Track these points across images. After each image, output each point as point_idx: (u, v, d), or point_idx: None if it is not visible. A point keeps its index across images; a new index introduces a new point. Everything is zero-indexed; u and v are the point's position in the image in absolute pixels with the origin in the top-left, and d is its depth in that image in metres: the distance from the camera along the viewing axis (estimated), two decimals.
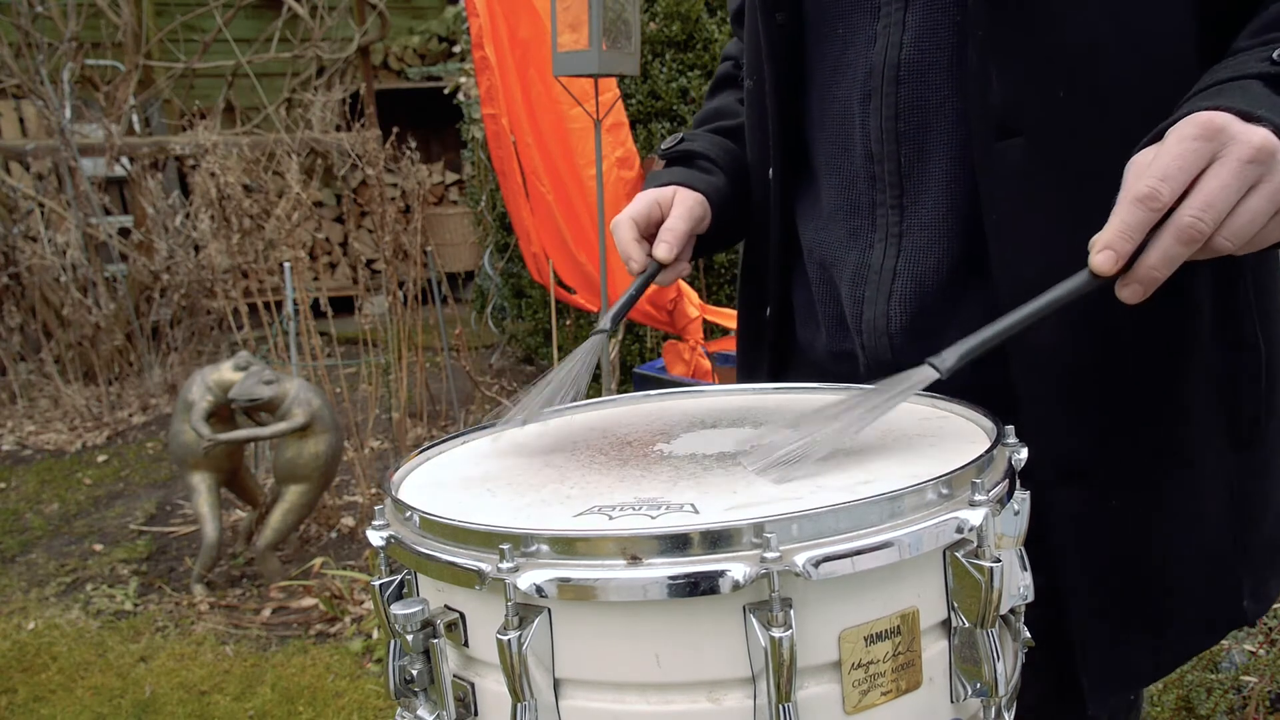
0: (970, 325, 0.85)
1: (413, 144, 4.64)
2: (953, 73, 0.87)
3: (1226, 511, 0.92)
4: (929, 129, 0.89)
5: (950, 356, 0.72)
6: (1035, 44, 0.81)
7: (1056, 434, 0.85)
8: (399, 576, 0.67)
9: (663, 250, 0.96)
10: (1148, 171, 0.67)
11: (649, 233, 0.99)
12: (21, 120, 6.80)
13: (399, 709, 0.67)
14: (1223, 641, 2.10)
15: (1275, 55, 0.71)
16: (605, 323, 0.93)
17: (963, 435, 0.75)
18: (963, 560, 0.59)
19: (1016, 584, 0.65)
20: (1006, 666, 0.63)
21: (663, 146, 1.10)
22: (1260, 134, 0.65)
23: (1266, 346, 0.90)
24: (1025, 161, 0.82)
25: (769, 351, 1.09)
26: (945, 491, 0.60)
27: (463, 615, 0.62)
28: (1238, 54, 0.75)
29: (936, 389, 0.75)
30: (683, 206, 0.99)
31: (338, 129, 6.10)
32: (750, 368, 1.14)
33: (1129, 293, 0.70)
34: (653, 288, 1.01)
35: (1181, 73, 0.78)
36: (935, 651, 0.61)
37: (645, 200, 1.00)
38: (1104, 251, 0.68)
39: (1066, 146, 0.82)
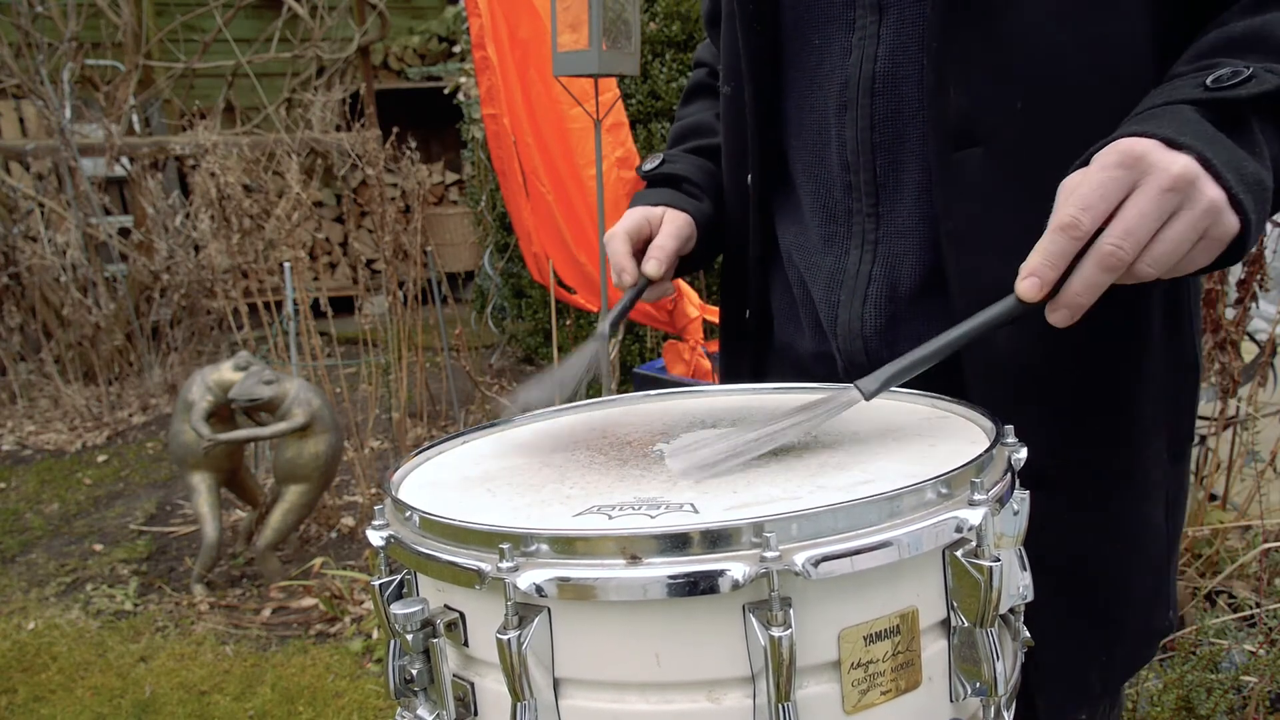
0: (942, 328, 0.85)
1: (413, 144, 4.64)
2: (924, 84, 0.88)
3: (1165, 523, 0.94)
4: (903, 139, 0.90)
5: (875, 381, 0.73)
6: (992, 56, 0.82)
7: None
8: (399, 576, 0.67)
9: (652, 267, 1.00)
10: (1070, 199, 0.68)
11: (639, 248, 1.02)
12: (21, 120, 6.81)
13: (399, 709, 0.67)
14: (1223, 641, 2.10)
15: (1209, 81, 0.71)
16: (604, 327, 0.95)
17: (962, 435, 0.75)
18: (962, 560, 0.59)
19: (1016, 583, 0.65)
20: (1006, 666, 0.63)
21: (645, 168, 1.13)
22: (1181, 162, 0.66)
23: (1198, 368, 0.94)
24: (983, 172, 0.83)
25: (750, 353, 1.11)
26: (944, 491, 0.60)
27: (462, 615, 0.62)
28: (1174, 79, 0.76)
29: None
30: (672, 226, 1.02)
31: (338, 129, 6.10)
32: (732, 369, 1.16)
33: (1057, 317, 0.71)
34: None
35: (1139, 86, 0.79)
36: (934, 651, 0.61)
37: (637, 217, 1.03)
38: (1029, 279, 0.70)
39: (1024, 157, 0.83)
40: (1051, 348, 0.85)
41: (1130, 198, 0.67)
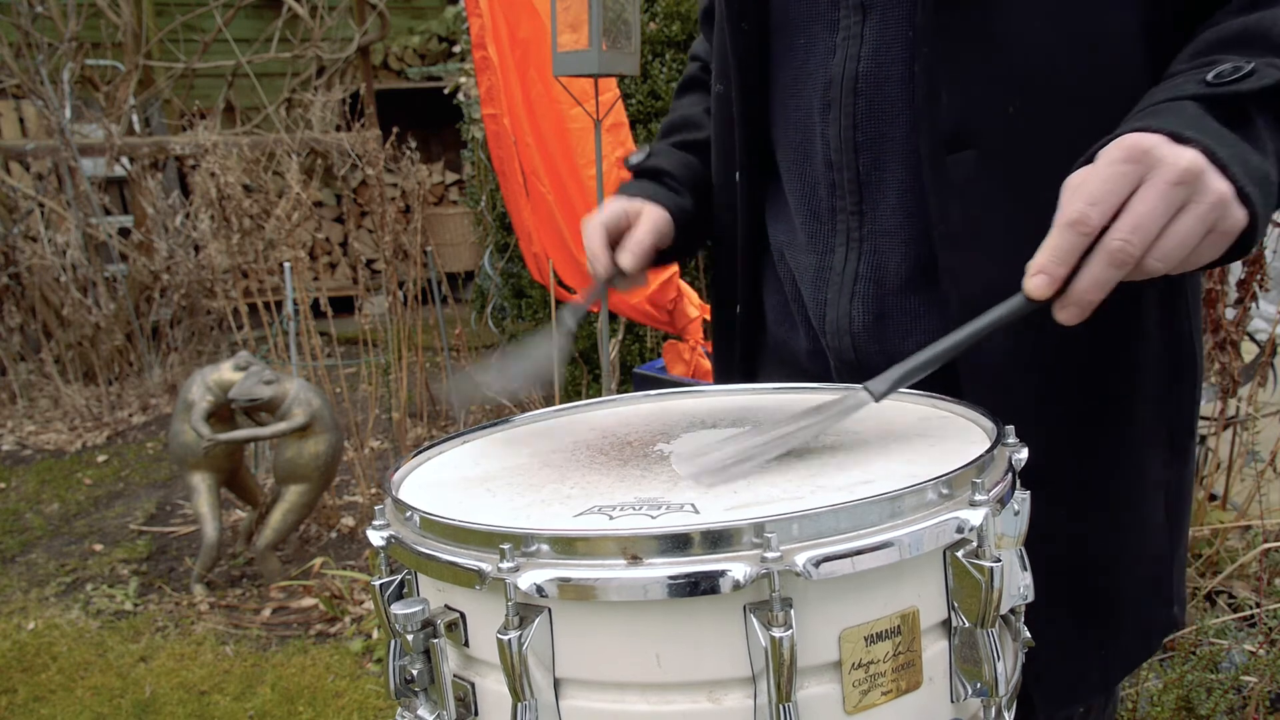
0: (930, 325, 0.86)
1: (413, 144, 4.64)
2: (907, 85, 0.88)
3: (1165, 520, 0.94)
4: (885, 139, 0.90)
5: (885, 383, 0.73)
6: (984, 60, 0.82)
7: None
8: (399, 576, 0.67)
9: (627, 260, 0.99)
10: (1077, 195, 0.68)
11: (614, 240, 1.02)
12: (21, 120, 6.80)
13: (399, 709, 0.67)
14: (1223, 641, 2.10)
15: (1210, 77, 0.71)
16: (569, 320, 0.98)
17: (963, 435, 0.75)
18: (963, 560, 0.59)
19: (1017, 584, 0.65)
20: (1007, 666, 0.63)
21: (631, 160, 1.13)
22: (1188, 156, 0.65)
23: (1198, 359, 0.94)
24: (976, 174, 0.83)
25: (739, 351, 1.11)
26: (945, 491, 0.60)
27: (463, 615, 0.62)
28: (1174, 76, 0.76)
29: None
30: (649, 221, 1.02)
31: (338, 129, 6.10)
32: (722, 365, 1.16)
33: (1066, 315, 0.70)
34: (652, 287, 1.04)
35: (1131, 87, 0.79)
36: (935, 651, 0.61)
37: (615, 209, 1.02)
38: (1037, 276, 0.69)
39: (1018, 159, 0.83)
40: (1046, 348, 0.85)
41: (1137, 192, 0.66)
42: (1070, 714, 0.97)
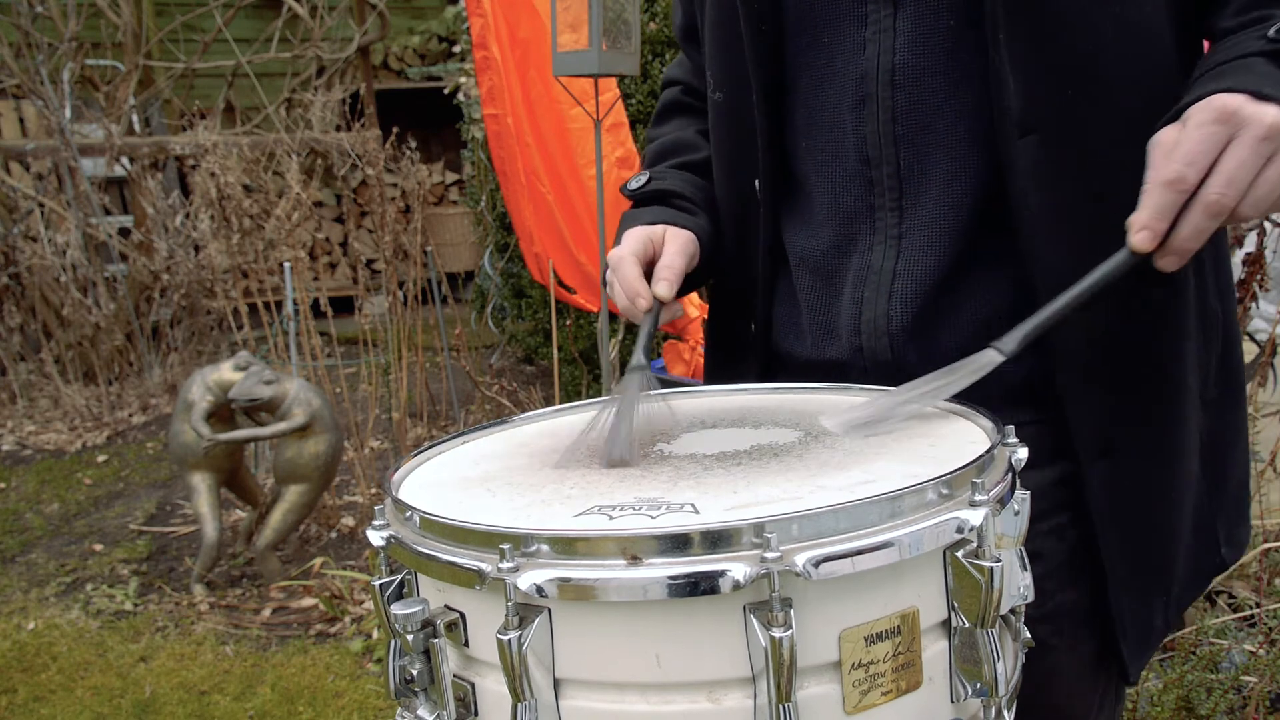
0: (968, 320, 0.88)
1: (413, 144, 4.64)
2: (950, 75, 0.89)
3: (1203, 465, 0.99)
4: (928, 130, 0.90)
5: (1012, 340, 0.79)
6: (1046, 48, 0.85)
7: (1092, 412, 0.91)
8: (399, 576, 0.67)
9: (663, 289, 0.95)
10: (1173, 156, 0.74)
11: (646, 270, 0.98)
12: (21, 120, 6.81)
13: (399, 709, 0.67)
14: (1223, 641, 2.10)
15: (1271, 33, 0.76)
16: (639, 357, 0.91)
17: (963, 435, 0.75)
18: (963, 560, 0.59)
19: (1016, 584, 0.65)
20: (1006, 666, 0.63)
21: (630, 186, 1.08)
22: (1272, 112, 0.72)
23: (1224, 314, 1.00)
24: (1041, 157, 0.86)
25: (754, 364, 1.08)
26: (945, 491, 0.60)
27: (463, 615, 0.62)
28: (1230, 34, 0.81)
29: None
30: (676, 244, 0.99)
31: (338, 129, 6.10)
32: (729, 381, 1.13)
33: (1166, 262, 0.77)
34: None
35: (1166, 64, 0.86)
36: (935, 651, 0.61)
37: (639, 237, 0.98)
38: (1141, 232, 0.75)
39: (1077, 141, 0.87)
40: (1116, 321, 0.89)
41: (1228, 149, 0.72)
42: (1088, 706, 0.99)
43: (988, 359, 0.79)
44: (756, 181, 1.02)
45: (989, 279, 0.92)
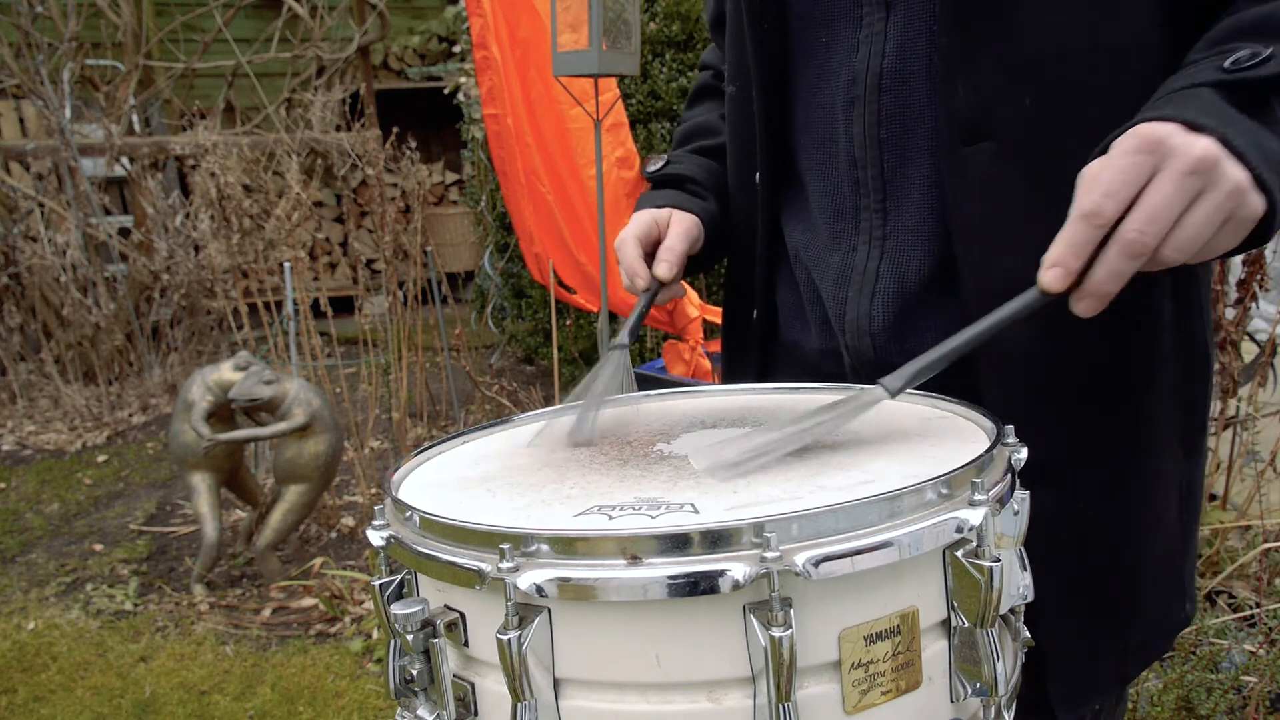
0: (950, 325, 0.86)
1: (413, 144, 4.64)
2: (932, 80, 0.88)
3: (1179, 514, 0.94)
4: (910, 135, 0.90)
5: (899, 379, 0.73)
6: (1002, 53, 0.82)
7: (1027, 437, 0.86)
8: (399, 576, 0.67)
9: (663, 269, 0.98)
10: (1092, 187, 0.68)
11: (648, 252, 1.02)
12: (21, 120, 6.80)
13: (399, 709, 0.67)
14: (1223, 641, 2.10)
15: (1227, 64, 0.70)
16: (623, 337, 0.94)
17: (962, 435, 0.75)
18: (962, 560, 0.59)
19: (1016, 584, 0.65)
20: (1006, 666, 0.63)
21: (649, 169, 1.12)
22: (1201, 144, 0.65)
23: (1208, 346, 0.94)
24: (993, 166, 0.83)
25: (756, 352, 1.10)
26: (945, 491, 0.60)
27: (463, 615, 0.62)
28: (1191, 64, 0.76)
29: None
30: (680, 227, 1.02)
31: (338, 129, 6.10)
32: (735, 369, 1.16)
33: (1083, 307, 0.70)
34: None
35: (1148, 80, 0.78)
36: (935, 651, 0.61)
37: (645, 220, 1.02)
38: (1053, 269, 0.69)
39: (1035, 152, 0.83)
40: (1062, 342, 0.85)
41: (1152, 183, 0.66)
42: (1082, 713, 0.97)
43: (872, 396, 0.73)
44: (757, 175, 1.03)
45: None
